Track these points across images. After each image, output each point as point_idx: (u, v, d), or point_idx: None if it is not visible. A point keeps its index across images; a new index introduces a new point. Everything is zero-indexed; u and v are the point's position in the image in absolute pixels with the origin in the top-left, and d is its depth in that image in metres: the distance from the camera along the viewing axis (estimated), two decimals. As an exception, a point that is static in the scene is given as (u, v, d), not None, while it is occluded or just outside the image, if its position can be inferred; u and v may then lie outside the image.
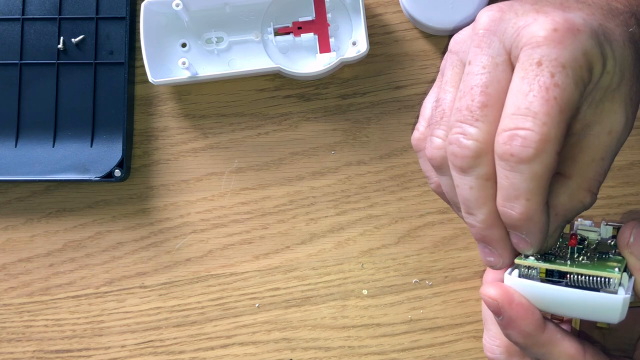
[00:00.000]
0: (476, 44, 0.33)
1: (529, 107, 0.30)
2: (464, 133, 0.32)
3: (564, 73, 0.30)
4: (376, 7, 0.50)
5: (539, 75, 0.30)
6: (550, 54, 0.30)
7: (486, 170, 0.32)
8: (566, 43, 0.30)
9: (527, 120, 0.30)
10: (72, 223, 0.50)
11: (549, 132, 0.30)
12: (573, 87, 0.30)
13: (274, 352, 0.49)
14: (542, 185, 0.31)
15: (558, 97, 0.30)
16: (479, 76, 0.32)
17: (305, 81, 0.50)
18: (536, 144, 0.30)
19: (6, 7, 0.50)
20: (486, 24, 0.33)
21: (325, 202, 0.49)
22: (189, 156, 0.50)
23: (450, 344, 0.48)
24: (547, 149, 0.30)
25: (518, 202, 0.31)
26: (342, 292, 0.49)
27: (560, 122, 0.30)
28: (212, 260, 0.49)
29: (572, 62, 0.30)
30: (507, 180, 0.31)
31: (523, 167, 0.31)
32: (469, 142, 0.32)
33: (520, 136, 0.30)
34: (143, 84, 0.50)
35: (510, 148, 0.31)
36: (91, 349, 0.49)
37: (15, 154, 0.50)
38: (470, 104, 0.32)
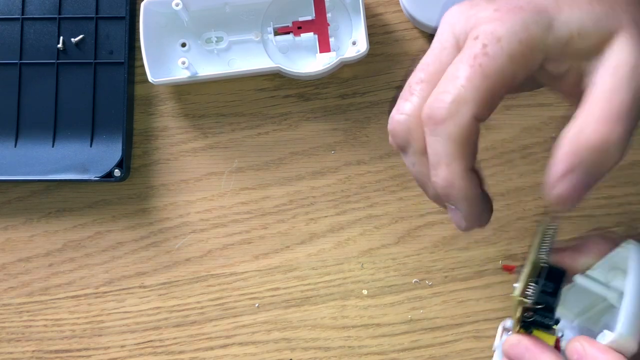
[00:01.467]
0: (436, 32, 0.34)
1: (453, 73, 0.31)
2: (397, 109, 0.33)
3: (497, 45, 0.30)
4: (376, 7, 0.50)
5: (471, 46, 0.31)
6: (487, 28, 0.31)
7: (420, 145, 0.32)
8: (504, 19, 0.31)
9: (449, 83, 0.31)
10: (71, 223, 0.50)
11: (464, 94, 0.30)
12: (506, 60, 0.30)
13: (274, 352, 0.49)
14: (461, 149, 0.31)
15: (484, 64, 0.30)
16: (426, 57, 0.33)
17: (305, 81, 0.50)
18: (449, 105, 0.30)
19: (6, 7, 0.50)
20: (446, 16, 0.34)
21: (325, 202, 0.49)
22: (188, 156, 0.50)
23: (450, 344, 0.48)
24: (461, 110, 0.30)
25: (440, 168, 0.31)
26: (342, 292, 0.49)
27: (480, 86, 0.30)
28: (211, 260, 0.49)
29: (509, 35, 0.30)
30: (429, 148, 0.32)
31: (439, 129, 0.31)
32: (400, 116, 0.33)
33: (439, 99, 0.31)
34: (143, 84, 0.50)
35: (429, 111, 0.31)
36: (91, 349, 0.49)
37: (15, 154, 0.50)
38: (411, 80, 0.33)
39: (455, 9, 0.34)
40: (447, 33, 0.33)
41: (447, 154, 0.31)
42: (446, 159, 0.31)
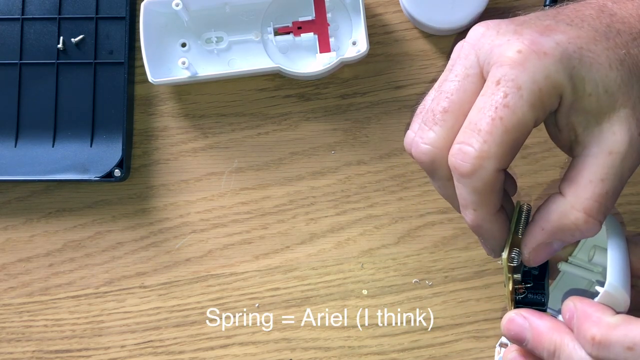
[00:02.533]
0: (459, 54, 0.34)
1: (476, 124, 0.32)
2: (422, 137, 0.34)
3: (517, 94, 0.31)
4: (376, 7, 0.50)
5: (494, 93, 0.32)
6: (509, 75, 0.31)
7: (445, 173, 0.34)
8: (527, 65, 0.31)
9: (472, 136, 0.32)
10: (71, 223, 0.50)
11: (488, 150, 0.31)
12: (526, 109, 0.31)
13: (274, 352, 0.49)
14: (487, 199, 0.33)
15: (505, 118, 0.31)
16: (450, 83, 0.34)
17: (305, 81, 0.50)
18: (473, 160, 0.32)
19: (6, 7, 0.50)
20: (471, 38, 0.34)
21: (325, 202, 0.49)
22: (188, 156, 0.50)
23: (450, 344, 0.48)
24: (484, 165, 0.32)
25: (467, 211, 0.33)
26: (342, 292, 0.49)
27: (503, 141, 0.31)
28: (212, 260, 0.49)
29: (530, 84, 0.31)
30: (457, 190, 0.33)
31: (464, 180, 0.32)
32: (424, 147, 0.34)
33: (462, 151, 0.32)
34: (143, 84, 0.50)
35: (454, 161, 0.32)
36: (91, 349, 0.49)
37: (15, 154, 0.50)
38: (434, 107, 0.34)
39: (480, 30, 0.34)
40: (472, 59, 0.33)
41: (474, 202, 0.33)
42: (473, 205, 0.33)
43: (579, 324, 0.33)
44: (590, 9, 0.34)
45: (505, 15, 0.49)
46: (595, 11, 0.34)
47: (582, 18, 0.34)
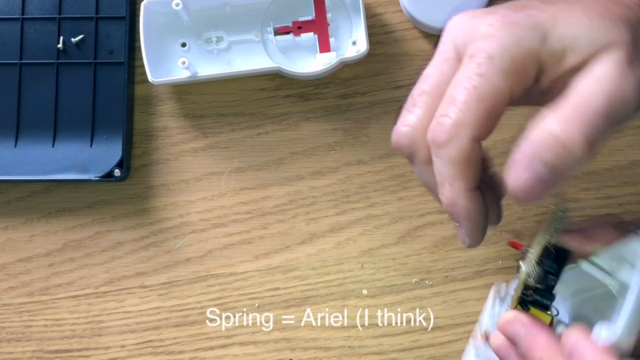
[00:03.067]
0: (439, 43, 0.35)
1: (451, 95, 0.32)
2: (402, 121, 0.34)
3: (489, 63, 0.31)
4: (376, 7, 0.50)
5: (467, 65, 0.32)
6: (481, 46, 0.32)
7: (424, 155, 0.34)
8: (498, 36, 0.31)
9: (449, 107, 0.32)
10: (71, 223, 0.50)
11: (463, 118, 0.31)
12: (500, 77, 0.31)
13: (274, 352, 0.49)
14: (463, 170, 0.32)
15: (478, 87, 0.31)
16: (429, 68, 0.34)
17: (305, 81, 0.50)
18: (449, 129, 0.31)
19: (6, 6, 0.50)
20: (449, 27, 0.34)
21: (325, 202, 0.49)
22: (188, 156, 0.50)
23: (450, 344, 0.48)
24: (460, 133, 0.31)
25: (444, 187, 0.33)
26: (342, 292, 0.49)
27: (477, 109, 0.31)
28: (211, 260, 0.49)
29: (501, 52, 0.31)
30: (435, 167, 0.33)
31: (441, 151, 0.32)
32: (404, 128, 0.34)
33: (440, 122, 0.32)
34: (143, 84, 0.50)
35: (432, 135, 0.32)
36: (91, 349, 0.49)
37: (15, 154, 0.50)
38: (414, 92, 0.34)
39: (458, 18, 0.34)
40: (449, 44, 0.34)
41: (450, 175, 0.32)
42: (449, 179, 0.32)
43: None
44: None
45: (505, 15, 0.49)
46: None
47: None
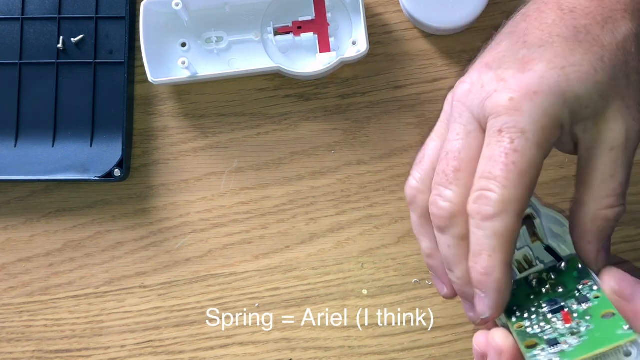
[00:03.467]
0: (452, 113, 0.36)
1: (490, 172, 0.33)
2: (440, 195, 0.35)
3: (523, 138, 0.32)
4: (376, 7, 0.50)
5: (499, 141, 0.33)
6: (509, 122, 0.33)
7: (461, 230, 0.35)
8: (523, 109, 0.33)
9: (490, 182, 0.33)
10: (71, 223, 0.50)
11: (509, 194, 0.33)
12: (534, 150, 0.33)
13: (274, 352, 0.49)
14: (504, 244, 0.33)
15: (517, 162, 0.32)
16: (454, 142, 0.35)
17: (305, 81, 0.50)
18: (496, 204, 0.33)
19: (6, 6, 0.50)
20: (458, 96, 0.36)
21: (325, 202, 0.49)
22: (188, 156, 0.50)
23: (450, 344, 0.48)
24: (508, 209, 0.33)
25: (481, 257, 0.34)
26: (342, 292, 0.49)
27: (520, 184, 0.33)
28: (211, 260, 0.49)
29: (531, 125, 0.33)
30: (473, 237, 0.34)
31: (486, 224, 0.33)
32: (445, 204, 0.35)
33: (484, 196, 0.33)
34: (143, 84, 0.50)
35: (476, 207, 0.33)
36: (91, 349, 0.49)
37: (15, 154, 0.50)
38: (445, 168, 0.35)
39: (466, 87, 0.35)
40: (467, 116, 0.35)
41: (490, 247, 0.33)
42: (489, 250, 0.33)
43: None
44: (550, 13, 0.35)
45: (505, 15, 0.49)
46: (555, 14, 0.35)
47: (549, 31, 0.34)
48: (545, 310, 0.36)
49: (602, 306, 0.35)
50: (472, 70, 0.36)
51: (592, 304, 0.35)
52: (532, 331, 0.35)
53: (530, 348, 0.34)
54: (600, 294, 0.35)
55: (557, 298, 0.36)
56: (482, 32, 0.49)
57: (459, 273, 0.36)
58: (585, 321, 0.34)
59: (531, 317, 0.36)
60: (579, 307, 0.35)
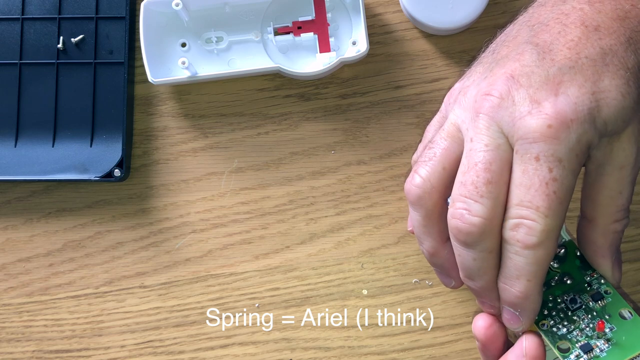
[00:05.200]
0: (477, 124, 0.35)
1: (531, 201, 0.33)
2: (468, 209, 0.34)
3: (560, 167, 0.33)
4: (376, 7, 0.50)
5: (538, 170, 0.33)
6: (547, 150, 0.33)
7: (489, 245, 0.35)
8: (561, 138, 0.33)
9: (530, 212, 0.33)
10: (71, 223, 0.50)
11: (551, 224, 0.33)
12: (570, 177, 0.33)
13: (274, 352, 0.49)
14: (543, 269, 0.34)
15: (557, 191, 0.33)
16: (482, 153, 0.34)
17: (305, 81, 0.50)
18: (540, 234, 0.33)
19: (6, 6, 0.50)
20: (486, 109, 0.35)
21: (325, 202, 0.49)
22: (188, 156, 0.50)
23: (450, 344, 0.48)
24: (550, 237, 0.33)
25: (519, 282, 0.34)
26: (342, 292, 0.49)
27: (561, 212, 0.33)
28: (211, 260, 0.49)
29: (567, 154, 0.33)
30: (511, 262, 0.34)
31: (527, 252, 0.34)
32: (475, 219, 0.34)
33: (526, 225, 0.33)
34: (143, 84, 0.50)
35: (516, 234, 0.33)
36: (90, 349, 0.49)
37: (14, 154, 0.50)
38: (475, 180, 0.34)
39: (493, 102, 0.34)
40: (496, 130, 0.34)
41: (531, 272, 0.34)
42: (528, 275, 0.34)
43: None
44: (574, 29, 0.35)
45: (505, 15, 0.49)
46: (580, 31, 0.34)
47: (577, 50, 0.34)
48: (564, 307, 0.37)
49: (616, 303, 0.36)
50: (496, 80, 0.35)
51: (606, 301, 0.37)
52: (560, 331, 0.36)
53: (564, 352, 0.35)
54: (609, 288, 0.37)
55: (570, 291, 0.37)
56: (482, 32, 0.49)
57: (481, 284, 0.36)
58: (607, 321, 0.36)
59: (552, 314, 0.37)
60: (596, 305, 0.37)
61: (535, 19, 0.37)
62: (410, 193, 0.37)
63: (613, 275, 0.37)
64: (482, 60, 0.38)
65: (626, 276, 0.48)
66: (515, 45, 0.36)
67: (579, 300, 0.37)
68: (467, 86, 0.37)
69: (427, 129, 0.42)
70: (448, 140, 0.37)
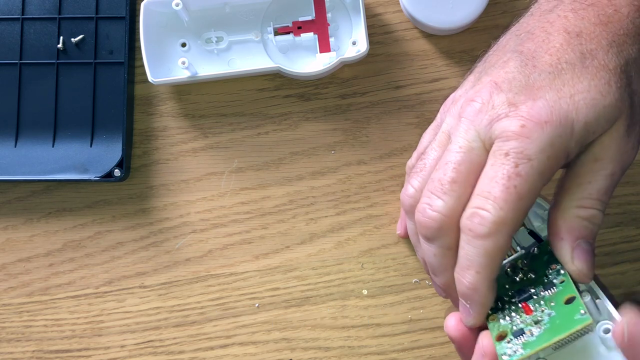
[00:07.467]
0: (457, 127, 0.36)
1: (490, 191, 0.33)
2: (430, 204, 0.35)
3: (528, 165, 0.33)
4: (376, 7, 0.50)
5: (504, 164, 0.33)
6: (517, 147, 0.33)
7: (448, 241, 0.35)
8: (533, 137, 0.33)
9: (487, 202, 0.33)
10: (71, 223, 0.50)
11: (504, 216, 0.33)
12: (537, 177, 0.33)
13: (274, 352, 0.49)
14: (492, 262, 0.34)
15: (518, 186, 0.33)
16: (455, 154, 0.35)
17: (305, 81, 0.50)
18: (490, 224, 0.33)
19: (6, 6, 0.50)
20: (467, 113, 0.36)
21: (325, 202, 0.49)
22: (188, 156, 0.50)
23: (450, 344, 0.48)
24: (501, 230, 0.33)
25: (469, 272, 0.34)
26: (342, 292, 0.49)
27: (517, 208, 0.33)
28: (211, 260, 0.49)
29: (538, 154, 0.33)
30: (462, 251, 0.35)
31: (478, 242, 0.34)
32: (434, 214, 0.35)
33: (479, 215, 0.33)
34: (143, 84, 0.50)
35: (470, 223, 0.34)
36: (91, 349, 0.49)
37: (15, 154, 0.50)
38: (442, 178, 0.35)
39: (475, 107, 0.35)
40: (473, 133, 0.35)
41: (480, 263, 0.34)
42: (477, 267, 0.34)
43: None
44: (557, 35, 0.35)
45: (505, 15, 0.49)
46: (562, 37, 0.35)
47: (558, 56, 0.35)
48: (515, 300, 0.37)
49: (566, 291, 0.36)
50: (482, 88, 0.36)
51: (557, 289, 0.36)
52: (504, 322, 0.36)
53: (501, 340, 0.35)
54: (565, 278, 0.36)
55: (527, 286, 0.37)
56: (482, 32, 0.49)
57: (443, 280, 0.37)
58: (549, 308, 0.36)
59: (504, 308, 0.37)
60: (545, 294, 0.36)
61: (523, 28, 0.38)
62: (404, 203, 0.39)
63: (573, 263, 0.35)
64: (475, 69, 0.40)
65: (626, 276, 0.48)
66: (502, 54, 0.37)
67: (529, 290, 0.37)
68: (459, 96, 0.38)
69: (423, 136, 0.42)
70: (439, 150, 0.38)
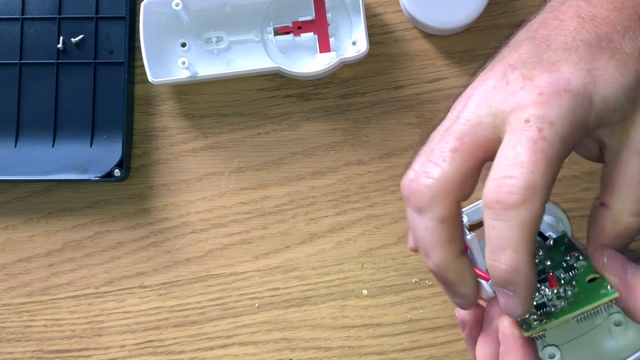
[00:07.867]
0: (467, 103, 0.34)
1: (516, 157, 0.31)
2: (426, 171, 0.33)
3: (552, 129, 0.31)
4: (376, 7, 0.50)
5: (526, 130, 0.31)
6: (538, 112, 0.31)
7: (442, 212, 0.33)
8: (553, 103, 0.31)
9: (514, 168, 0.30)
10: (71, 223, 0.50)
11: (536, 180, 0.30)
12: (560, 144, 0.31)
13: (274, 352, 0.49)
14: (530, 235, 0.31)
15: (546, 150, 0.30)
16: (461, 126, 0.33)
17: (305, 81, 0.50)
18: (523, 191, 0.30)
19: (6, 6, 0.50)
20: (481, 91, 0.34)
21: (325, 202, 0.49)
22: (188, 156, 0.50)
23: (450, 344, 0.48)
24: (534, 196, 0.30)
25: (505, 252, 0.31)
26: (342, 292, 0.49)
27: (547, 173, 0.31)
28: (211, 260, 0.49)
29: (560, 119, 0.31)
30: (494, 230, 0.31)
31: (510, 214, 0.30)
32: (428, 180, 0.33)
33: (507, 184, 0.30)
34: (143, 84, 0.50)
35: (497, 195, 0.31)
36: (90, 349, 0.49)
37: (14, 154, 0.50)
38: (443, 147, 0.33)
39: (490, 83, 0.34)
40: (484, 107, 0.33)
41: (516, 240, 0.31)
42: (514, 244, 0.31)
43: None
44: (570, 21, 0.35)
45: (505, 15, 0.49)
46: (576, 22, 0.35)
47: (572, 36, 0.34)
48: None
49: (588, 272, 0.35)
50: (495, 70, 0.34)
51: (578, 271, 0.35)
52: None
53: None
54: (586, 262, 0.35)
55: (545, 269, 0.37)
56: (482, 32, 0.49)
57: (437, 260, 0.33)
58: (571, 287, 0.35)
59: None
60: (566, 275, 0.35)
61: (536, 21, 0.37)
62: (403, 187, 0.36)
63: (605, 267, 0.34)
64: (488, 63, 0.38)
65: (626, 276, 0.48)
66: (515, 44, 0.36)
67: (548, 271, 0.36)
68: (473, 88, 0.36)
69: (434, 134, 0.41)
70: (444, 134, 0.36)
